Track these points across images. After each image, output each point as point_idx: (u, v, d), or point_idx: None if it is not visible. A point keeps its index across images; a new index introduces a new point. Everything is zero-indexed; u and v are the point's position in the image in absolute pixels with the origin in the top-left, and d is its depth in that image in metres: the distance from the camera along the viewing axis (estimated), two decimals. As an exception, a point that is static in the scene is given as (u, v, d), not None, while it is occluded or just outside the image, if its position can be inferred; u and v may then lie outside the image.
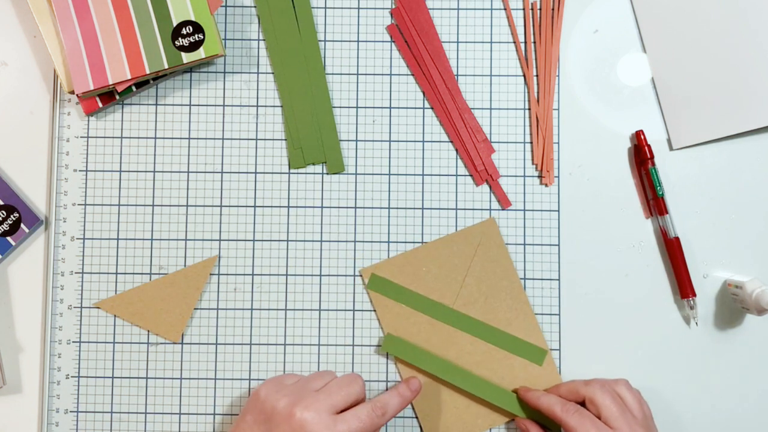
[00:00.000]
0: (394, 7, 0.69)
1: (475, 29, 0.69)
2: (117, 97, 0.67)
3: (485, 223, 0.68)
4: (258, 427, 0.59)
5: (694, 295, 0.66)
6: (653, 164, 0.67)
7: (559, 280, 0.68)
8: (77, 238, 0.68)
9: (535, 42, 0.69)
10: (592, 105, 0.69)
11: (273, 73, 0.69)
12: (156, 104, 0.69)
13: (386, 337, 0.67)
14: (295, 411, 0.58)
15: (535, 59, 0.69)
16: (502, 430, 0.67)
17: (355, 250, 0.68)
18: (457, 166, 0.69)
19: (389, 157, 0.69)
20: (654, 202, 0.67)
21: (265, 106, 0.69)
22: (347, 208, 0.68)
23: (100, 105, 0.67)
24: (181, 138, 0.69)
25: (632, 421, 0.59)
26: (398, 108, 0.69)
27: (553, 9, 0.69)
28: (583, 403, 0.62)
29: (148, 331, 0.67)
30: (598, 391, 0.61)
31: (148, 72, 0.65)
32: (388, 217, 0.68)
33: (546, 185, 0.68)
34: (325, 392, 0.60)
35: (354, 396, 0.61)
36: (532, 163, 0.69)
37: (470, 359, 0.67)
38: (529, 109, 0.69)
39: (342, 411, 0.60)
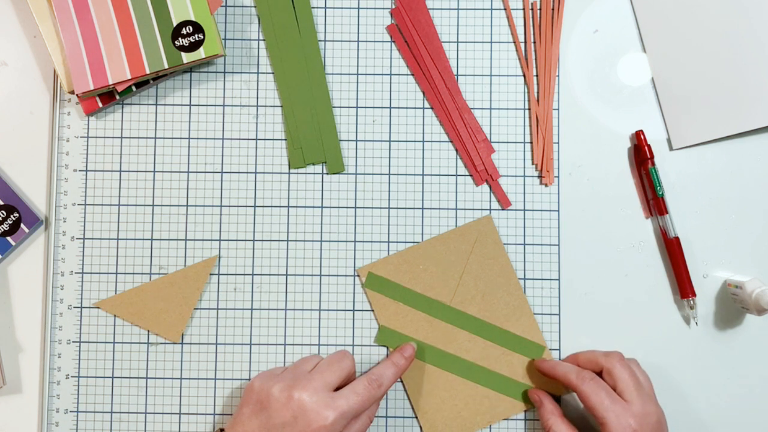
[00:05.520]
0: (394, 7, 0.69)
1: (475, 29, 0.69)
2: (117, 97, 0.67)
3: (482, 220, 0.68)
4: (256, 417, 0.59)
5: (694, 295, 0.66)
6: (653, 164, 0.67)
7: (559, 280, 0.68)
8: (77, 238, 0.68)
9: (535, 42, 0.69)
10: (592, 105, 0.69)
11: (273, 73, 0.69)
12: (156, 104, 0.69)
13: (380, 329, 0.67)
14: (293, 393, 0.58)
15: (535, 59, 0.69)
16: (501, 429, 0.67)
17: (355, 250, 0.68)
18: (457, 166, 0.69)
19: (389, 157, 0.69)
20: (654, 201, 0.67)
21: (265, 106, 0.69)
22: (347, 208, 0.68)
23: (100, 105, 0.67)
24: (181, 138, 0.69)
25: (646, 398, 0.60)
26: (398, 108, 0.69)
27: (553, 9, 0.69)
28: (599, 374, 0.62)
29: (148, 331, 0.67)
30: (618, 364, 0.61)
31: (148, 72, 0.65)
32: (388, 217, 0.68)
33: (546, 185, 0.68)
34: (318, 372, 0.61)
35: (346, 371, 0.62)
36: (532, 163, 0.69)
37: (468, 356, 0.67)
38: (529, 109, 0.69)
39: (337, 388, 0.61)
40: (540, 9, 0.69)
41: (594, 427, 0.66)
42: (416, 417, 0.67)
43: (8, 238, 0.67)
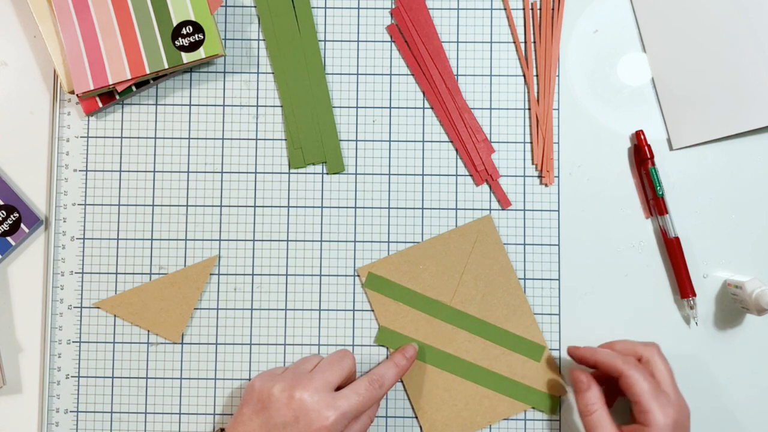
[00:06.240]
0: (394, 7, 0.69)
1: (475, 29, 0.69)
2: (117, 97, 0.67)
3: (482, 220, 0.68)
4: (257, 416, 0.59)
5: (694, 295, 0.66)
6: (653, 164, 0.67)
7: (559, 280, 0.68)
8: (77, 238, 0.68)
9: (535, 42, 0.69)
10: (592, 105, 0.69)
11: (273, 73, 0.69)
12: (156, 104, 0.69)
13: (380, 329, 0.67)
14: (294, 393, 0.58)
15: (535, 59, 0.69)
16: (501, 429, 0.67)
17: (355, 250, 0.68)
18: (457, 166, 0.69)
19: (389, 157, 0.69)
20: (654, 202, 0.67)
21: (265, 106, 0.69)
22: (347, 208, 0.68)
23: (100, 105, 0.67)
24: (181, 138, 0.69)
25: (678, 391, 0.61)
26: (398, 108, 0.69)
27: (553, 9, 0.69)
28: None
29: (148, 331, 0.67)
30: (657, 354, 0.62)
31: (148, 72, 0.65)
32: (388, 217, 0.68)
33: (546, 185, 0.68)
34: (319, 371, 0.61)
35: (347, 370, 0.62)
36: (532, 163, 0.69)
37: (468, 356, 0.67)
38: (529, 109, 0.69)
39: (338, 387, 0.61)
40: (540, 9, 0.69)
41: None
42: (416, 417, 0.67)
43: (8, 238, 0.66)
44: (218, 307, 0.68)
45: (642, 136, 0.67)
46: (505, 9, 0.69)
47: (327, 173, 0.69)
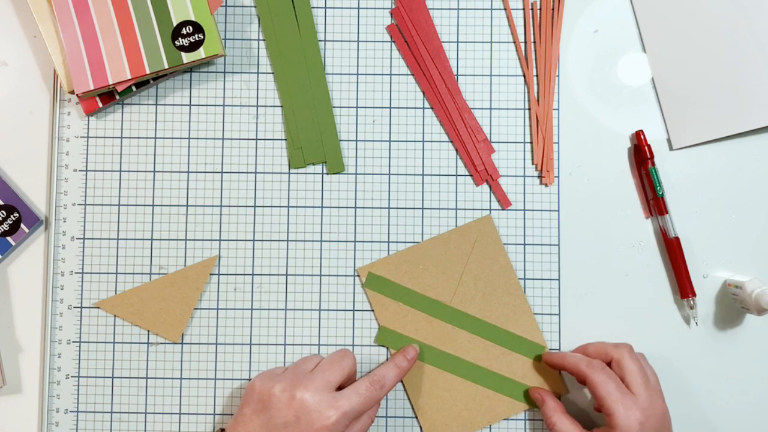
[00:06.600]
0: (394, 7, 0.69)
1: (475, 29, 0.69)
2: (117, 97, 0.67)
3: (482, 220, 0.68)
4: (257, 416, 0.59)
5: (694, 295, 0.66)
6: (653, 164, 0.67)
7: (559, 279, 0.68)
8: (77, 238, 0.68)
9: (535, 42, 0.69)
10: (592, 105, 0.69)
11: (273, 73, 0.69)
12: (156, 104, 0.69)
13: (380, 329, 0.67)
14: (295, 393, 0.58)
15: (535, 59, 0.69)
16: (501, 429, 0.67)
17: (355, 250, 0.68)
18: (457, 166, 0.69)
19: (389, 157, 0.69)
20: (654, 202, 0.67)
21: (265, 106, 0.69)
22: (347, 208, 0.68)
23: (100, 105, 0.67)
24: (181, 138, 0.69)
25: (652, 392, 0.60)
26: (398, 108, 0.69)
27: (553, 9, 0.69)
28: (608, 365, 0.62)
29: (148, 331, 0.67)
30: (627, 355, 0.61)
31: (148, 72, 0.65)
32: (388, 217, 0.68)
33: (546, 185, 0.68)
34: (320, 371, 0.61)
35: (347, 369, 0.62)
36: (532, 163, 0.69)
37: (468, 356, 0.67)
38: (529, 109, 0.69)
39: (339, 387, 0.61)
40: (540, 9, 0.69)
41: (595, 422, 0.66)
42: (416, 417, 0.67)
43: (8, 238, 0.66)
44: (218, 307, 0.68)
45: (642, 136, 0.67)
46: (505, 9, 0.69)
47: (327, 173, 0.69)
